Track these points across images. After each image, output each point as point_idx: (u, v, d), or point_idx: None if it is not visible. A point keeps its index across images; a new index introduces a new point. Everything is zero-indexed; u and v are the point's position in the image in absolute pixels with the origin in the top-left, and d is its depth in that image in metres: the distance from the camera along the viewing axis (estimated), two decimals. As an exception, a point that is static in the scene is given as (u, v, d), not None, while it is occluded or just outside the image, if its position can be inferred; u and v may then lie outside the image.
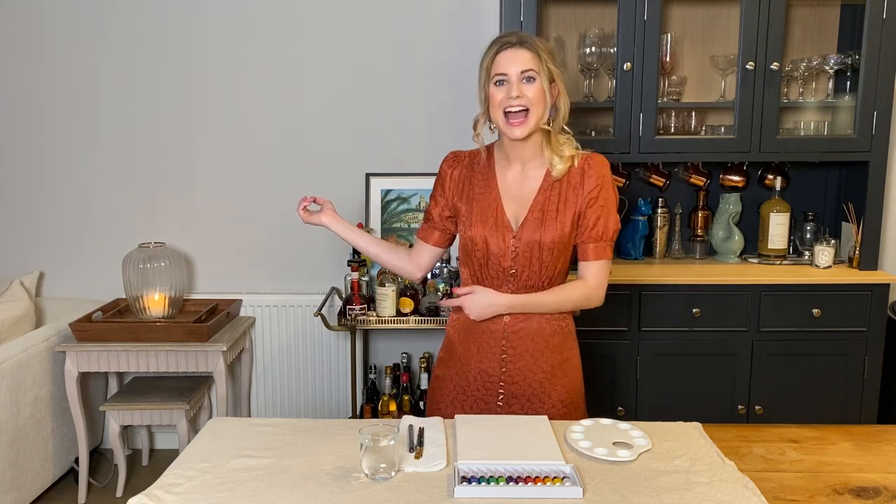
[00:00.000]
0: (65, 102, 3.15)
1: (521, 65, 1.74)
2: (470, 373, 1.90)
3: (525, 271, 1.82)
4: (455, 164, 1.91)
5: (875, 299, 2.71)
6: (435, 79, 3.11)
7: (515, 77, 1.74)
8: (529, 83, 1.75)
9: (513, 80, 1.74)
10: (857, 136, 2.75)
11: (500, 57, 1.76)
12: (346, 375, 3.23)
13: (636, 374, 2.75)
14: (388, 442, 1.47)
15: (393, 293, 2.83)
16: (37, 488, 2.79)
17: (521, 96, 1.73)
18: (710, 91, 3.00)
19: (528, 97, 1.74)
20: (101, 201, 3.22)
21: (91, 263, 3.25)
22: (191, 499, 1.41)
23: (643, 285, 2.70)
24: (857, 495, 1.52)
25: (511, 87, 1.74)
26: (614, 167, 2.98)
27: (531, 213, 1.82)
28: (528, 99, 1.74)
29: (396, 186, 3.13)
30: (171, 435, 3.31)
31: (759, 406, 2.76)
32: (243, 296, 3.21)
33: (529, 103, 1.74)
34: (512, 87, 1.74)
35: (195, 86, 3.14)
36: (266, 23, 3.09)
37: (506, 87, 1.75)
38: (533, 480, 1.44)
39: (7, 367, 2.59)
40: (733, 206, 2.99)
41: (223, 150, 3.18)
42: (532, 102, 1.74)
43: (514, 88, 1.74)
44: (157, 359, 2.81)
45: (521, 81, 1.74)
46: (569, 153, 1.81)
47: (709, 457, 1.58)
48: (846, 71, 2.88)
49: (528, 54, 1.74)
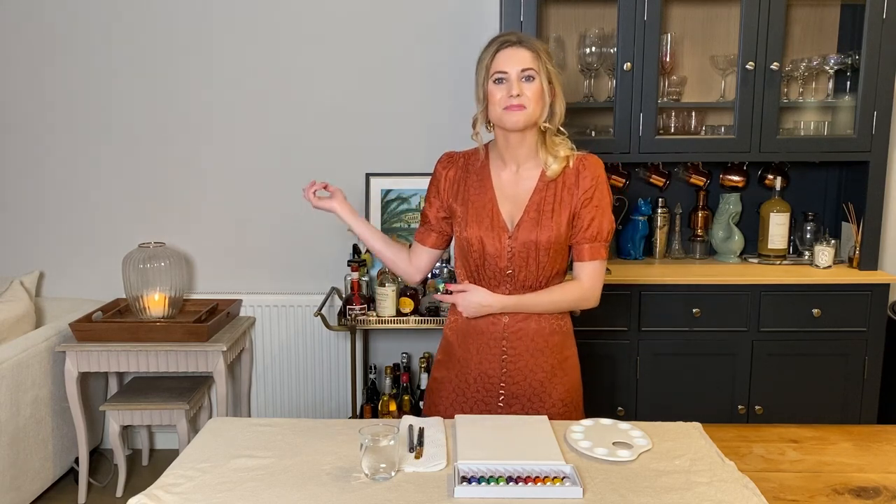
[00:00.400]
0: (65, 102, 3.15)
1: (521, 63, 1.75)
2: (470, 374, 1.90)
3: (522, 271, 1.83)
4: (450, 165, 1.91)
5: (875, 299, 2.71)
6: (435, 79, 3.11)
7: (515, 75, 1.75)
8: (529, 82, 1.75)
9: (512, 78, 1.75)
10: (857, 136, 2.75)
11: (500, 55, 1.76)
12: (346, 375, 3.23)
13: (636, 374, 2.75)
14: (388, 442, 1.47)
15: (393, 293, 2.83)
16: (37, 488, 2.79)
17: (521, 94, 1.74)
18: (710, 91, 3.00)
19: (528, 96, 1.75)
20: (101, 201, 3.22)
21: (91, 263, 3.25)
22: (191, 499, 1.41)
23: (643, 285, 2.70)
24: (857, 495, 1.52)
25: (511, 85, 1.75)
26: (614, 167, 2.99)
27: (527, 214, 1.82)
28: (527, 97, 1.75)
29: (396, 186, 3.13)
30: (171, 435, 3.31)
31: (759, 406, 2.76)
32: (243, 296, 3.21)
33: (528, 102, 1.75)
34: (512, 85, 1.75)
35: (196, 86, 3.14)
36: (266, 23, 3.09)
37: (505, 85, 1.76)
38: (533, 480, 1.44)
39: (7, 367, 2.59)
40: (733, 206, 2.99)
41: (223, 150, 3.18)
42: (531, 101, 1.75)
43: (514, 87, 1.74)
44: (157, 359, 2.81)
45: (520, 80, 1.75)
46: (564, 153, 1.82)
47: (709, 457, 1.58)
48: (846, 71, 2.88)
49: (527, 53, 1.75)
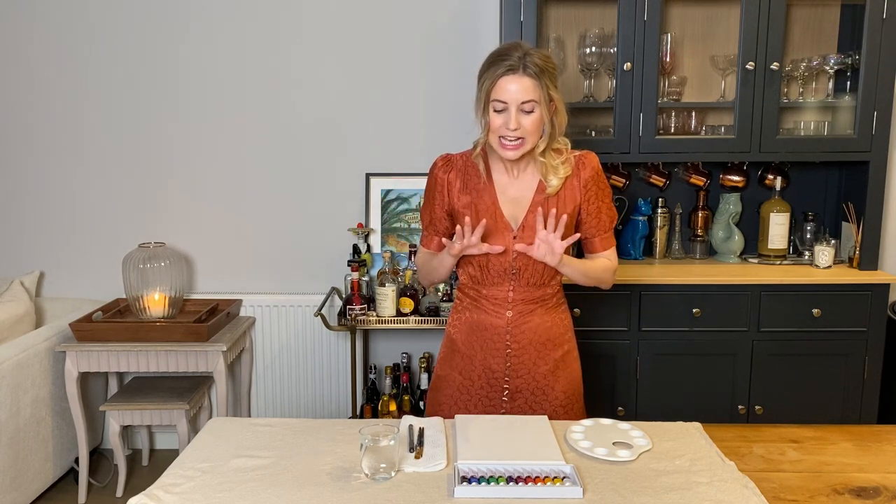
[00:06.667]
0: (65, 102, 3.15)
1: (522, 95, 1.73)
2: (474, 371, 1.91)
3: (527, 269, 1.84)
4: (449, 168, 1.91)
5: (875, 299, 2.71)
6: (435, 78, 3.11)
7: (515, 107, 1.74)
8: (528, 114, 1.75)
9: (511, 109, 1.74)
10: (857, 136, 2.75)
11: (501, 82, 1.73)
12: (346, 375, 3.23)
13: (636, 374, 2.75)
14: (388, 442, 1.47)
15: (393, 293, 2.83)
16: (37, 488, 2.79)
17: (519, 127, 1.74)
18: (710, 91, 3.00)
19: (526, 127, 1.75)
20: (102, 201, 3.22)
21: (91, 263, 3.25)
22: (191, 499, 1.41)
23: (643, 285, 2.70)
24: (857, 495, 1.52)
25: (509, 117, 1.74)
26: (614, 167, 2.99)
27: (530, 213, 1.83)
28: (526, 129, 1.75)
29: (396, 186, 3.13)
30: (171, 435, 3.31)
31: (759, 406, 2.76)
32: (243, 296, 3.21)
33: (526, 133, 1.76)
34: (510, 118, 1.74)
35: (196, 86, 3.13)
36: (266, 23, 3.09)
37: (504, 115, 1.75)
38: (533, 480, 1.44)
39: (7, 367, 2.59)
40: (733, 206, 2.99)
41: (223, 150, 3.18)
42: (528, 132, 1.76)
43: (513, 120, 1.74)
44: (157, 359, 2.81)
45: (519, 112, 1.74)
46: (563, 174, 1.83)
47: (709, 457, 1.58)
48: (846, 71, 2.88)
49: (529, 82, 1.72)
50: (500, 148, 1.78)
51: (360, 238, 3.07)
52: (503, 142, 1.77)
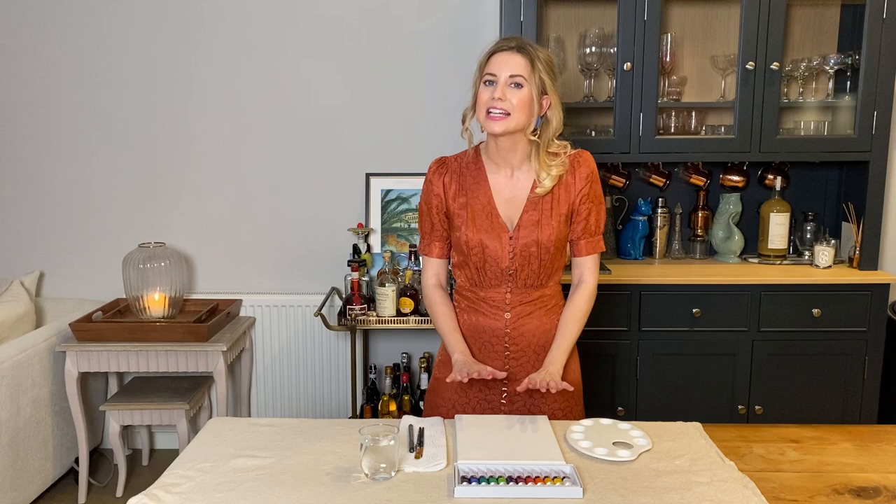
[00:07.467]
0: (65, 102, 3.15)
1: (512, 69, 1.75)
2: None
3: (524, 270, 1.84)
4: (444, 171, 1.91)
5: (875, 299, 2.71)
6: (435, 79, 3.11)
7: (503, 80, 1.75)
8: (516, 88, 1.75)
9: (500, 82, 1.75)
10: (857, 136, 2.75)
11: (494, 58, 1.78)
12: (346, 375, 3.23)
13: (636, 374, 2.75)
14: (388, 442, 1.47)
15: (393, 293, 2.83)
16: (37, 488, 2.79)
17: (504, 100, 1.74)
18: (710, 91, 3.00)
19: (512, 102, 1.75)
20: (101, 201, 3.22)
21: (91, 263, 3.25)
22: (191, 499, 1.41)
23: (643, 285, 2.70)
24: (857, 495, 1.52)
25: (496, 88, 1.75)
26: (614, 167, 2.99)
27: (525, 214, 1.83)
28: (511, 104, 1.75)
29: (396, 186, 3.13)
30: (171, 435, 3.31)
31: (759, 406, 2.76)
32: (243, 296, 3.21)
33: (511, 108, 1.75)
34: (497, 89, 1.75)
35: (196, 85, 3.13)
36: (266, 23, 3.09)
37: (492, 87, 1.76)
38: (533, 480, 1.44)
39: (7, 367, 2.59)
40: (733, 206, 2.99)
41: (223, 150, 3.18)
42: (515, 108, 1.75)
43: (499, 90, 1.75)
44: (157, 359, 2.81)
45: (508, 85, 1.75)
46: (557, 172, 1.82)
47: (709, 457, 1.58)
48: (846, 71, 2.88)
49: (521, 60, 1.75)
50: (485, 120, 1.78)
51: (360, 238, 3.07)
52: (489, 113, 1.76)
